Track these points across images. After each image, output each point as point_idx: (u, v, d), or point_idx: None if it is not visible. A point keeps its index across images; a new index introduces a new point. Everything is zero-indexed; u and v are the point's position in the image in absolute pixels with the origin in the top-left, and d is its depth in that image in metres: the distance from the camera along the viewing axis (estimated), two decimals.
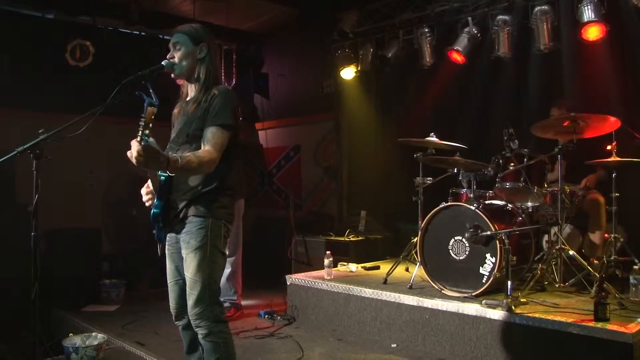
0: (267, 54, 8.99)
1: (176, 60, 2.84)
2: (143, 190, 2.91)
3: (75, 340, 4.09)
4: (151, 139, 2.41)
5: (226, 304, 5.34)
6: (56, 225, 5.85)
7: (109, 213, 7.23)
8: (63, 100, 6.37)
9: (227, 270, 5.33)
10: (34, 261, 2.63)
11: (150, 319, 5.28)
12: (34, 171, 2.58)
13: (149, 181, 2.88)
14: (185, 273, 2.81)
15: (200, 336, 2.80)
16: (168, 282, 3.01)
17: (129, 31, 7.62)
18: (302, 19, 7.98)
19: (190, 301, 2.78)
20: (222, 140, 2.72)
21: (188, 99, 2.94)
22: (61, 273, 5.73)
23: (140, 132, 2.38)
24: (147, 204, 2.89)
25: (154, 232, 2.88)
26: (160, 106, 2.42)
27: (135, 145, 2.36)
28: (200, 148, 2.71)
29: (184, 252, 2.80)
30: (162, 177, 2.78)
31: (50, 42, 6.79)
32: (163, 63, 2.80)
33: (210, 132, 2.71)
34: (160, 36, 7.76)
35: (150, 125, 2.37)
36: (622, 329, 3.30)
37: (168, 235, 2.92)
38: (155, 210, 2.79)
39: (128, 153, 2.41)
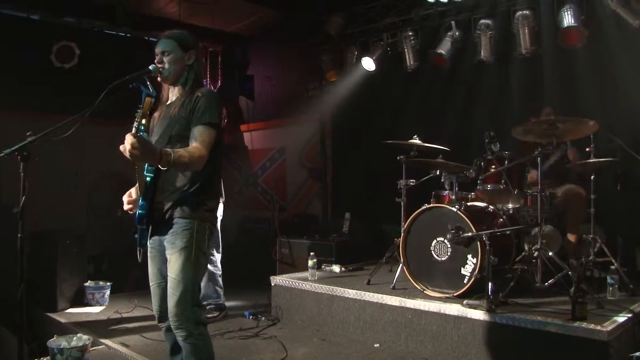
0: (253, 56, 9.02)
1: (166, 65, 2.87)
2: (125, 198, 2.92)
3: (60, 342, 4.07)
4: (144, 134, 2.43)
5: (210, 306, 5.35)
6: (41, 227, 5.83)
7: (94, 214, 7.21)
8: (49, 101, 6.37)
9: (208, 272, 5.31)
10: (20, 262, 2.63)
11: (135, 321, 5.28)
12: (21, 173, 2.58)
13: (132, 189, 2.89)
14: (168, 273, 2.81)
15: (180, 338, 2.79)
16: (150, 284, 3.01)
17: (114, 33, 7.62)
18: (288, 22, 8.01)
19: (171, 302, 2.77)
20: (209, 138, 2.75)
21: (169, 102, 2.97)
22: (46, 274, 5.72)
23: (136, 122, 2.40)
24: (130, 212, 2.91)
25: (136, 236, 2.86)
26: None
27: (129, 138, 2.37)
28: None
29: (168, 253, 2.81)
30: (147, 178, 2.80)
31: (36, 43, 6.78)
32: (150, 67, 2.82)
33: (198, 131, 2.74)
34: (146, 38, 7.76)
35: (147, 115, 2.38)
36: (599, 328, 3.38)
37: (151, 238, 2.92)
38: (140, 211, 2.78)
39: (121, 147, 2.43)
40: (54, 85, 6.74)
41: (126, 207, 2.92)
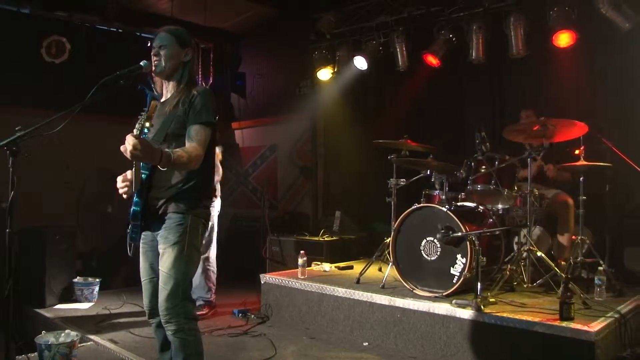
0: (245, 53, 9.00)
1: (162, 59, 2.87)
2: (119, 179, 2.86)
3: (47, 338, 4.06)
4: (146, 135, 2.47)
5: (199, 302, 5.36)
6: (30, 223, 5.79)
7: (84, 211, 7.18)
8: (38, 96, 6.33)
9: (200, 268, 5.33)
10: (8, 259, 2.62)
11: (124, 317, 5.28)
12: (10, 168, 2.57)
13: (128, 172, 2.86)
14: (160, 268, 2.81)
15: (169, 332, 2.79)
16: (142, 280, 3.01)
17: (106, 28, 7.58)
18: (280, 19, 8.02)
19: (162, 296, 2.77)
20: (205, 137, 2.77)
21: (164, 99, 2.96)
22: (35, 271, 5.69)
23: (139, 124, 2.44)
24: (124, 195, 2.84)
25: (128, 231, 2.86)
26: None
27: (131, 139, 2.39)
28: (179, 147, 2.74)
29: (161, 247, 2.82)
30: (143, 175, 2.79)
31: (26, 38, 6.73)
32: (141, 63, 2.81)
33: (194, 130, 2.76)
34: (138, 33, 7.73)
35: (152, 118, 2.40)
36: (586, 328, 3.41)
37: (143, 233, 2.93)
38: (135, 208, 2.79)
39: (122, 147, 2.44)
40: (44, 80, 6.70)
41: (120, 185, 2.83)
